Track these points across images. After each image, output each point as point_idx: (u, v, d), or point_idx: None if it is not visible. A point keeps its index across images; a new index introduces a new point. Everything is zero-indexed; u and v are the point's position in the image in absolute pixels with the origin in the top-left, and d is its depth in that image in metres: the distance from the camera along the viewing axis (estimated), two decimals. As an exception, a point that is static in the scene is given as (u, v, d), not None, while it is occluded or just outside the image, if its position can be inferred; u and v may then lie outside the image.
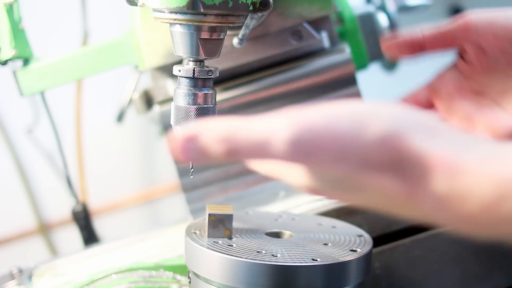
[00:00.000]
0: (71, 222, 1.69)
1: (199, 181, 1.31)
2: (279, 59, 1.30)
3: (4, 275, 1.29)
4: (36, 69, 1.27)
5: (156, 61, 1.25)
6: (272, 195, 1.31)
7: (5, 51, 1.23)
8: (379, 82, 2.23)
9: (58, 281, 1.23)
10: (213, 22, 0.96)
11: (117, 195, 2.37)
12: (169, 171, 2.23)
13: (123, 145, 2.35)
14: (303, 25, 1.27)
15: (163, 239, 1.34)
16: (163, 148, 2.16)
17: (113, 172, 2.36)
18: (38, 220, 2.32)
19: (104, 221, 2.29)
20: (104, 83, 2.14)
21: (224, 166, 1.31)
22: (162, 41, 1.24)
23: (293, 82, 1.29)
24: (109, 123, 2.17)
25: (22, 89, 1.28)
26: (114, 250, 1.34)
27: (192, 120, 1.00)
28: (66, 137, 2.05)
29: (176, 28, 0.99)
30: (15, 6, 1.24)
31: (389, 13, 1.53)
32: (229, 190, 1.31)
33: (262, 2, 0.98)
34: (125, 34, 1.27)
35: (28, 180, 2.30)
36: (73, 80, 1.34)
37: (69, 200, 1.70)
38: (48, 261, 1.37)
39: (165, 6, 0.94)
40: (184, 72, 1.00)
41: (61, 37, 2.20)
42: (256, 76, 1.30)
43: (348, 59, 1.30)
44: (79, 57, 1.28)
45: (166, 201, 2.41)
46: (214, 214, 1.00)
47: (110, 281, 1.14)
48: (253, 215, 1.15)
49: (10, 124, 2.26)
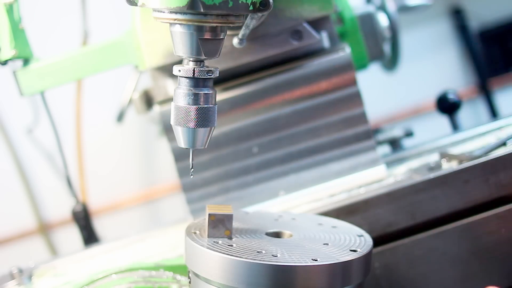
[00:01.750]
0: (71, 222, 1.69)
1: (199, 181, 1.31)
2: (279, 59, 1.30)
3: (4, 275, 1.30)
4: (36, 69, 1.27)
5: (156, 61, 1.25)
6: (272, 195, 1.31)
7: (5, 51, 1.23)
8: (379, 82, 2.24)
9: (58, 281, 1.24)
10: (213, 22, 0.96)
11: (117, 195, 2.37)
12: (169, 171, 2.24)
13: (123, 145, 2.35)
14: (303, 25, 1.27)
15: (163, 239, 1.34)
16: (163, 148, 2.16)
17: (113, 172, 2.36)
18: (38, 220, 2.32)
19: (104, 221, 2.29)
20: (104, 83, 2.14)
21: (224, 166, 1.31)
22: (162, 41, 1.24)
23: (293, 82, 1.29)
24: (109, 123, 2.18)
25: (22, 89, 1.28)
26: (114, 250, 1.34)
27: (192, 120, 1.00)
28: (66, 137, 2.05)
29: (176, 28, 0.99)
30: (15, 6, 1.24)
31: (389, 13, 1.53)
32: (229, 190, 1.31)
33: (262, 2, 0.97)
34: (125, 34, 1.27)
35: (28, 180, 2.30)
36: (73, 80, 1.34)
37: (69, 200, 1.70)
38: (48, 261, 1.37)
39: (165, 6, 0.94)
40: (184, 72, 1.00)
41: (61, 37, 2.20)
42: (256, 76, 1.30)
43: (348, 59, 1.30)
44: (79, 57, 1.28)
45: (166, 201, 2.41)
46: (214, 214, 1.00)
47: (110, 281, 1.14)
48: (253, 215, 1.15)
49: (10, 124, 2.26)
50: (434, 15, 2.52)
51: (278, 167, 1.31)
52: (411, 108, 2.50)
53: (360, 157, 1.31)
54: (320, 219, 1.15)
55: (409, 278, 1.21)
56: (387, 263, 1.20)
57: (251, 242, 0.98)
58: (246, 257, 0.91)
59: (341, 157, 1.31)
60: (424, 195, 1.21)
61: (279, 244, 0.98)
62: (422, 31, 2.50)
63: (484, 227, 1.22)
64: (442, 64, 2.55)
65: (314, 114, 1.30)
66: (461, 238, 1.21)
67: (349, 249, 0.97)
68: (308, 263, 0.90)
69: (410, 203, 1.21)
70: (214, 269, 0.93)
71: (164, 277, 1.15)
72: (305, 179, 1.31)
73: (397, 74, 1.79)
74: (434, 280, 1.21)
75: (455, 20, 2.54)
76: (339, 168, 1.31)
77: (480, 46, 2.54)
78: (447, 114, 1.66)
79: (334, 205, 1.23)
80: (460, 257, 1.21)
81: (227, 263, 0.92)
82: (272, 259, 0.91)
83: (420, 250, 1.21)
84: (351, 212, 1.21)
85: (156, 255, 1.23)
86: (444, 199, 1.21)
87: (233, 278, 0.92)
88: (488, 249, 1.21)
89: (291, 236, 1.04)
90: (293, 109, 1.30)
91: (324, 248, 0.97)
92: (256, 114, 1.30)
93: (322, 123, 1.30)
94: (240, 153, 1.30)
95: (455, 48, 2.56)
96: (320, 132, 1.30)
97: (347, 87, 1.30)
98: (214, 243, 0.97)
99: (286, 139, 1.30)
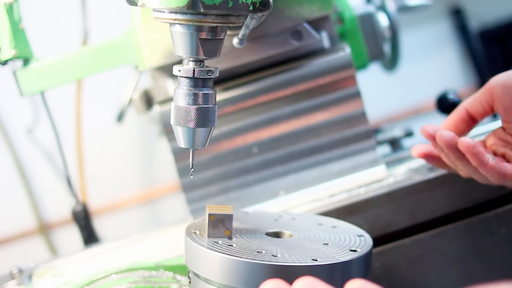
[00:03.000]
0: (71, 222, 1.69)
1: (199, 181, 1.31)
2: (279, 59, 1.30)
3: (4, 275, 1.30)
4: (36, 69, 1.27)
5: (156, 61, 1.25)
6: (272, 195, 1.31)
7: (5, 51, 1.23)
8: (379, 82, 2.24)
9: (58, 281, 1.23)
10: (213, 22, 0.96)
11: (117, 195, 2.37)
12: (169, 171, 2.24)
13: (123, 145, 2.35)
14: (303, 25, 1.27)
15: (163, 239, 1.34)
16: (163, 148, 2.16)
17: (113, 172, 2.36)
18: (38, 220, 2.32)
19: (104, 221, 2.29)
20: (104, 83, 2.14)
21: (224, 166, 1.31)
22: (162, 41, 1.24)
23: (293, 82, 1.29)
24: (109, 123, 2.18)
25: (22, 89, 1.28)
26: (114, 250, 1.34)
27: (192, 120, 1.00)
28: (66, 137, 2.05)
29: (176, 28, 0.98)
30: (15, 6, 1.24)
31: (389, 13, 1.53)
32: (229, 190, 1.31)
33: (262, 2, 0.97)
34: (125, 34, 1.27)
35: (28, 180, 2.31)
36: (73, 80, 1.34)
37: (69, 200, 1.70)
38: (48, 261, 1.37)
39: (165, 6, 0.94)
40: (184, 72, 1.00)
41: (61, 37, 2.20)
42: (256, 76, 1.30)
43: (348, 59, 1.30)
44: (79, 57, 1.28)
45: (166, 201, 2.41)
46: (214, 214, 1.00)
47: (110, 281, 1.14)
48: (253, 215, 1.15)
49: (10, 124, 2.26)
50: (434, 15, 2.53)
51: (278, 167, 1.31)
52: (411, 108, 2.50)
53: (360, 157, 1.31)
54: (320, 219, 1.15)
55: (409, 278, 1.21)
56: (387, 263, 1.20)
57: (251, 242, 0.99)
58: (246, 257, 0.91)
59: (341, 157, 1.31)
60: (424, 195, 1.21)
61: (279, 244, 0.98)
62: (422, 31, 2.50)
63: (484, 227, 1.22)
64: (442, 64, 2.55)
65: (314, 114, 1.30)
66: (461, 238, 1.21)
67: (349, 249, 0.97)
68: (308, 263, 0.90)
69: (410, 203, 1.21)
70: (214, 269, 0.93)
71: (164, 277, 1.15)
72: (305, 179, 1.31)
73: (397, 74, 1.79)
74: (434, 280, 1.21)
75: (455, 20, 2.54)
76: (339, 168, 1.31)
77: (480, 46, 2.54)
78: (447, 114, 1.65)
79: (334, 205, 1.23)
80: (460, 257, 1.21)
81: (227, 263, 0.92)
82: (272, 259, 0.91)
83: (420, 250, 1.21)
84: (351, 212, 1.21)
85: (156, 255, 1.23)
86: (444, 199, 1.21)
87: (233, 278, 0.92)
88: (488, 249, 1.21)
89: (291, 236, 1.04)
90: (293, 109, 1.30)
91: (324, 248, 0.97)
92: (256, 114, 1.30)
93: (322, 123, 1.30)
94: (240, 153, 1.30)
95: (455, 48, 2.56)
96: (320, 132, 1.30)
97: (347, 87, 1.30)
98: (214, 243, 0.97)
99: (286, 139, 1.30)
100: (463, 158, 1.08)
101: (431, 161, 1.19)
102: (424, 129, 1.12)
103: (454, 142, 1.07)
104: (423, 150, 1.18)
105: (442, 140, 1.07)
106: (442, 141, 1.08)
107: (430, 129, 1.11)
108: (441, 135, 1.07)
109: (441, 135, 1.07)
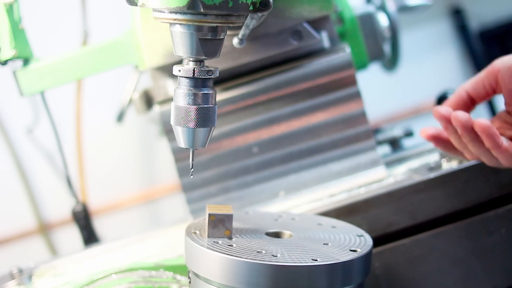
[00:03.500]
0: (71, 222, 1.69)
1: (199, 181, 1.31)
2: (279, 59, 1.30)
3: (4, 275, 1.30)
4: (36, 69, 1.27)
5: (156, 61, 1.25)
6: (272, 195, 1.31)
7: (5, 51, 1.23)
8: (379, 82, 2.24)
9: (58, 281, 1.23)
10: (213, 22, 0.96)
11: (117, 195, 2.37)
12: (169, 171, 2.24)
13: (123, 145, 2.35)
14: (303, 25, 1.27)
15: (163, 239, 1.34)
16: (163, 148, 2.16)
17: (113, 172, 2.36)
18: (38, 220, 2.32)
19: (104, 221, 2.29)
20: (104, 83, 2.14)
21: (224, 166, 1.31)
22: (162, 41, 1.24)
23: (293, 82, 1.29)
24: (109, 123, 2.18)
25: (22, 89, 1.28)
26: (114, 250, 1.34)
27: (192, 120, 1.00)
28: (66, 137, 2.05)
29: (176, 28, 0.98)
30: (15, 6, 1.24)
31: (389, 13, 1.53)
32: (229, 190, 1.31)
33: (262, 2, 0.97)
34: (125, 34, 1.27)
35: (28, 180, 2.30)
36: (73, 80, 1.34)
37: (69, 200, 1.69)
38: (48, 261, 1.37)
39: (165, 6, 0.94)
40: (184, 72, 1.00)
41: (61, 37, 2.20)
42: (256, 76, 1.30)
43: (348, 59, 1.30)
44: (79, 57, 1.28)
45: (166, 201, 2.41)
46: (214, 214, 1.00)
47: (110, 281, 1.14)
48: (253, 215, 1.15)
49: (10, 124, 2.26)
50: (434, 15, 2.52)
51: (278, 167, 1.31)
52: (411, 108, 2.50)
53: (360, 157, 1.31)
54: (320, 219, 1.15)
55: (409, 278, 1.21)
56: (387, 263, 1.20)
57: (251, 242, 0.99)
58: (246, 257, 0.91)
59: (341, 157, 1.31)
60: (424, 195, 1.21)
61: (279, 244, 0.98)
62: (422, 31, 2.50)
63: (484, 227, 1.22)
64: (442, 64, 2.55)
65: (314, 114, 1.30)
66: (461, 238, 1.21)
67: (349, 249, 0.97)
68: (308, 263, 0.90)
69: (410, 203, 1.21)
70: (214, 269, 0.93)
71: (164, 277, 1.15)
72: (305, 179, 1.31)
73: (397, 74, 1.79)
74: (434, 280, 1.21)
75: (455, 20, 2.54)
76: (339, 168, 1.31)
77: (480, 46, 2.54)
78: (447, 114, 1.65)
79: (334, 205, 1.23)
80: (460, 257, 1.21)
81: (227, 263, 0.92)
82: (272, 259, 0.91)
83: (420, 250, 1.21)
84: (351, 212, 1.21)
85: (156, 255, 1.23)
86: (444, 199, 1.21)
87: (233, 278, 0.92)
88: (488, 249, 1.21)
89: (291, 236, 1.04)
90: (293, 109, 1.30)
91: (324, 248, 0.97)
92: (256, 114, 1.30)
93: (322, 123, 1.30)
94: (240, 153, 1.30)
95: (455, 48, 2.56)
96: (320, 132, 1.30)
97: (347, 87, 1.30)
98: (214, 243, 0.97)
99: (286, 139, 1.30)
100: (476, 140, 1.07)
101: (438, 144, 1.17)
102: (436, 111, 1.11)
103: (470, 123, 1.06)
104: (432, 132, 1.17)
105: (458, 121, 1.07)
106: (458, 122, 1.07)
107: (444, 111, 1.10)
108: (456, 116, 1.07)
109: (457, 116, 1.06)
